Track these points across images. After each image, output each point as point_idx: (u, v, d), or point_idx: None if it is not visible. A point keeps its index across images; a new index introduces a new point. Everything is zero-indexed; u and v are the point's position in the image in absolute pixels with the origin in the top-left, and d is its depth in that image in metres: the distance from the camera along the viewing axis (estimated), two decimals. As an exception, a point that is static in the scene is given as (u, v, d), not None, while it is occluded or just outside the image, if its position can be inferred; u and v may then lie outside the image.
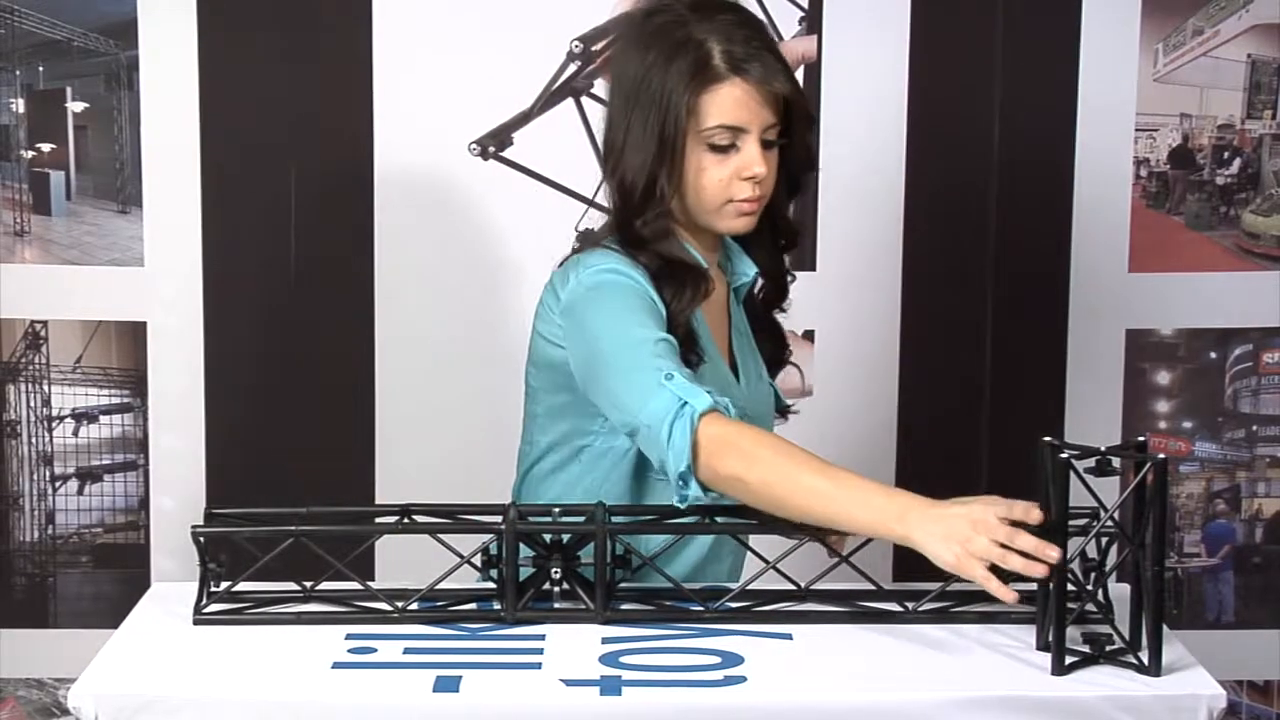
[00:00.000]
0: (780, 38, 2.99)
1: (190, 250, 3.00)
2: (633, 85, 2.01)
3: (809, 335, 3.08)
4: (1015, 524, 1.74)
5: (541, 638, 1.81)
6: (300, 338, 3.01)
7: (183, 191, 2.99)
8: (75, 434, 3.10)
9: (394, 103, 2.98)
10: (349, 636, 1.81)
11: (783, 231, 2.14)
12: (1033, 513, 1.75)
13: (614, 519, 1.86)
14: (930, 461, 3.07)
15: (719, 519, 1.96)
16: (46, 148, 3.03)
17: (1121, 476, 1.84)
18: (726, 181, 2.00)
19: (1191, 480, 3.17)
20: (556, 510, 1.87)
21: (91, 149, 3.03)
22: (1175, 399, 3.15)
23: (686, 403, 1.82)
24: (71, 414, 3.10)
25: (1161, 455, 1.75)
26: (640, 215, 2.01)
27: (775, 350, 2.19)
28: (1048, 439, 1.77)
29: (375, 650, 1.77)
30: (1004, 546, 1.72)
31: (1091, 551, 1.91)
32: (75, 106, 3.02)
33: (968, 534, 1.73)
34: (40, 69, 3.00)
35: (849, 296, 3.06)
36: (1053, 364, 3.10)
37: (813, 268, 3.05)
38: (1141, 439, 1.80)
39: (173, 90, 2.97)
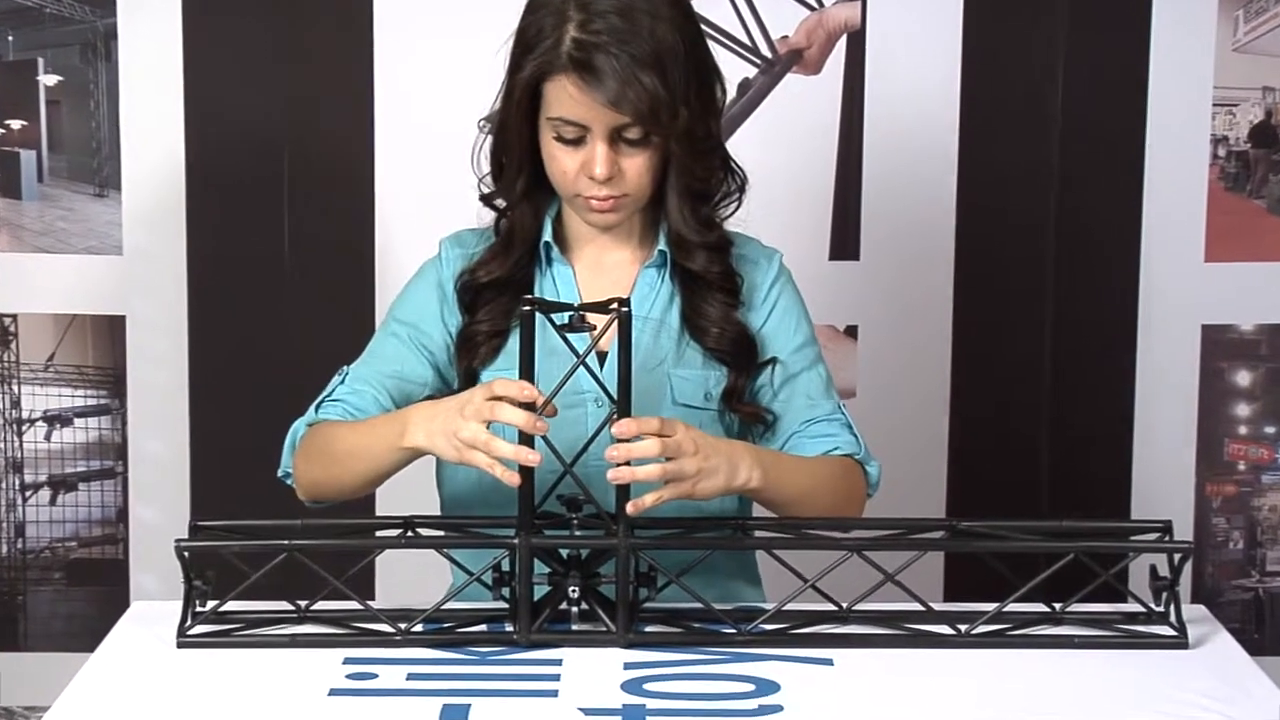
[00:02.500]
0: (820, 4, 2.99)
1: (174, 237, 3.02)
2: (512, 45, 2.04)
3: (851, 331, 3.08)
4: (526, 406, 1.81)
5: (558, 662, 1.81)
6: (294, 333, 3.02)
7: (166, 173, 3.00)
8: (47, 438, 3.11)
9: (396, 77, 2.98)
10: (347, 661, 1.82)
11: (676, 240, 2.10)
12: (525, 389, 1.80)
13: (638, 532, 1.86)
14: (986, 469, 3.07)
15: (755, 534, 1.96)
16: (16, 124, 3.04)
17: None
18: (574, 175, 2.03)
19: (1275, 491, 3.16)
20: (574, 523, 1.88)
21: (66, 126, 3.04)
22: (1256, 401, 3.14)
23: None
24: (43, 416, 3.11)
25: (626, 309, 1.79)
26: (497, 182, 2.10)
27: (726, 347, 2.13)
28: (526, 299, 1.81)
29: (376, 676, 1.78)
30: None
31: (1163, 568, 1.91)
32: (48, 79, 3.03)
33: (457, 423, 1.82)
34: (9, 38, 3.01)
35: (896, 288, 3.05)
36: (1120, 363, 3.09)
37: (855, 257, 3.05)
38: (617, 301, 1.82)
39: (155, 62, 2.98)
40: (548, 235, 2.11)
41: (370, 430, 1.98)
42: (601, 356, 2.04)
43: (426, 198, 2.95)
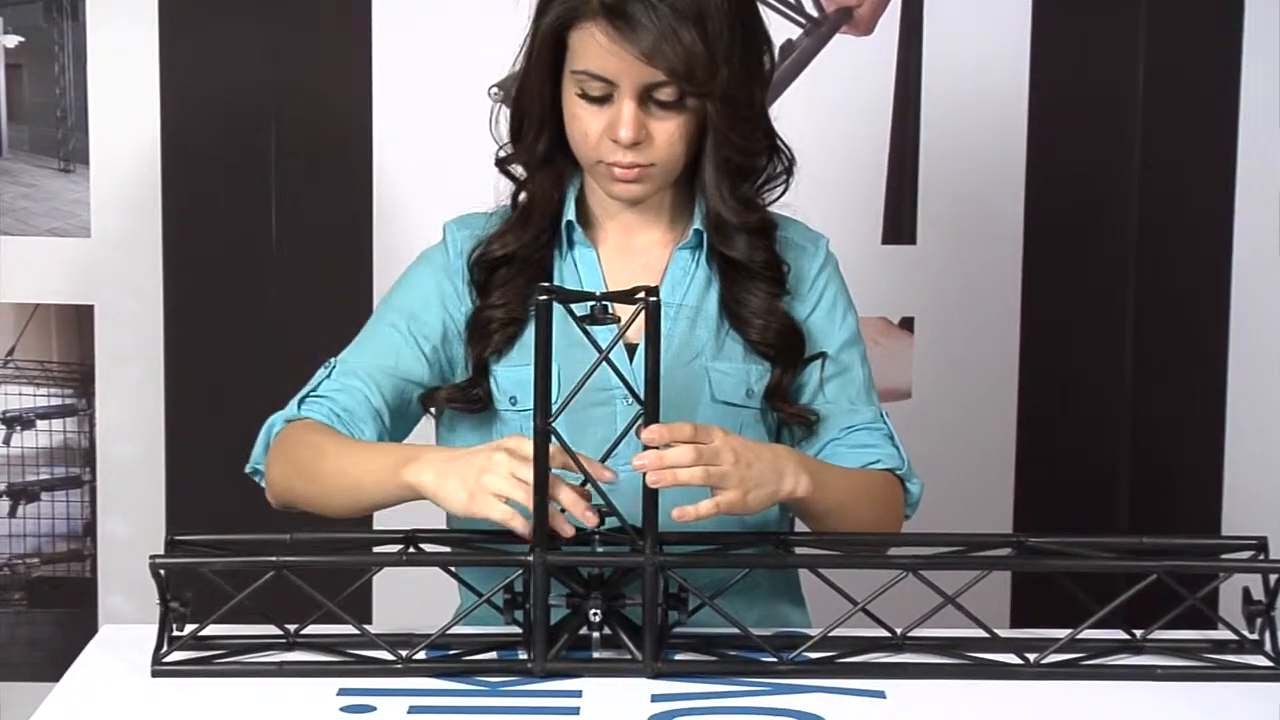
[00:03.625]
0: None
1: (148, 218, 3.02)
2: None
3: (907, 323, 3.08)
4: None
5: (578, 694, 1.82)
6: (283, 326, 3.02)
7: (139, 146, 3.01)
8: (6, 442, 3.12)
9: (397, 39, 2.99)
10: (342, 692, 1.82)
11: (714, 221, 2.10)
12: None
13: (667, 549, 1.86)
14: (1058, 479, 3.06)
15: (798, 550, 1.97)
16: (-28, 92, 3.06)
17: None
18: (597, 138, 2.03)
19: (1387, 512, 3.15)
20: (596, 538, 1.88)
21: (27, 93, 3.04)
22: (1365, 405, 3.14)
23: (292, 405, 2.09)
24: (2, 418, 3.12)
25: (655, 299, 1.80)
26: (516, 145, 2.11)
27: (771, 340, 2.13)
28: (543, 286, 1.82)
29: (374, 709, 1.78)
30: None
31: (1257, 591, 1.91)
32: (7, 41, 3.04)
33: (480, 468, 1.84)
34: (-35, -4, 3.02)
35: (956, 275, 3.05)
36: (1211, 359, 3.09)
37: (912, 240, 3.04)
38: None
39: (127, 21, 2.99)
40: (570, 214, 2.12)
41: (368, 456, 1.98)
42: (631, 349, 2.05)
43: (432, 172, 2.96)
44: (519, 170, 2.13)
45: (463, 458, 1.87)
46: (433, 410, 2.14)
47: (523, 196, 2.13)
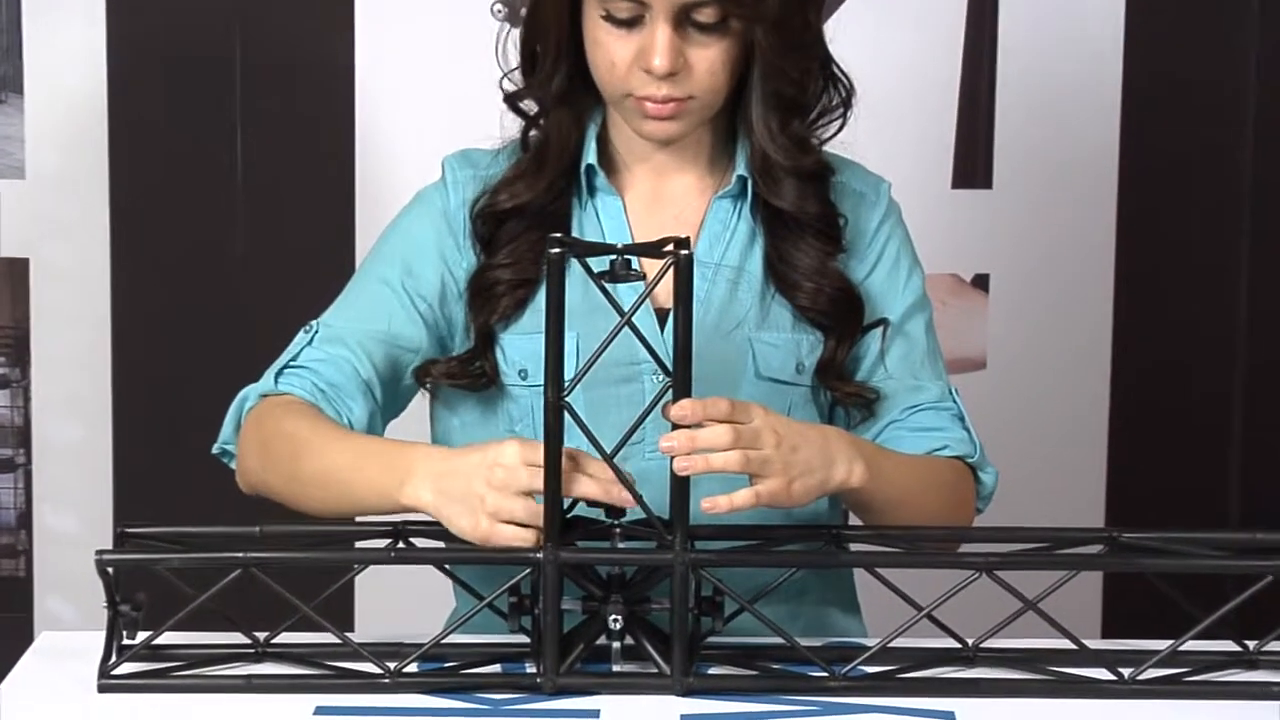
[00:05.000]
0: None
1: (92, 155, 3.03)
2: None
3: (981, 281, 3.08)
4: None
5: (595, 714, 1.82)
6: (249, 282, 3.03)
7: (82, 74, 3.01)
8: (-72, 419, 3.14)
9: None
10: (320, 710, 1.83)
11: (761, 164, 2.10)
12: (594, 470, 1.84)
13: (700, 545, 1.87)
14: (1157, 467, 3.06)
15: (852, 547, 1.97)
16: (-112, 10, 3.06)
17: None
18: (626, 67, 2.03)
19: None
20: (616, 532, 1.88)
21: (-49, 12, 3.06)
22: None
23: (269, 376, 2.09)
24: (-77, 390, 3.13)
25: (686, 251, 1.78)
26: (528, 77, 2.12)
27: (823, 306, 2.13)
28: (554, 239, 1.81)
29: (357, 730, 1.80)
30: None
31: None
32: (-72, -50, 3.05)
33: (481, 493, 1.83)
34: (-121, -103, 3.03)
35: (1039, 225, 3.05)
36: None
37: (987, 184, 3.04)
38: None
39: (67, -73, 3.00)
40: (590, 157, 2.12)
41: (358, 463, 1.98)
42: (663, 315, 2.05)
43: (426, 98, 2.96)
44: (530, 106, 2.13)
45: (459, 470, 1.86)
46: (427, 386, 2.14)
47: (534, 134, 2.13)
